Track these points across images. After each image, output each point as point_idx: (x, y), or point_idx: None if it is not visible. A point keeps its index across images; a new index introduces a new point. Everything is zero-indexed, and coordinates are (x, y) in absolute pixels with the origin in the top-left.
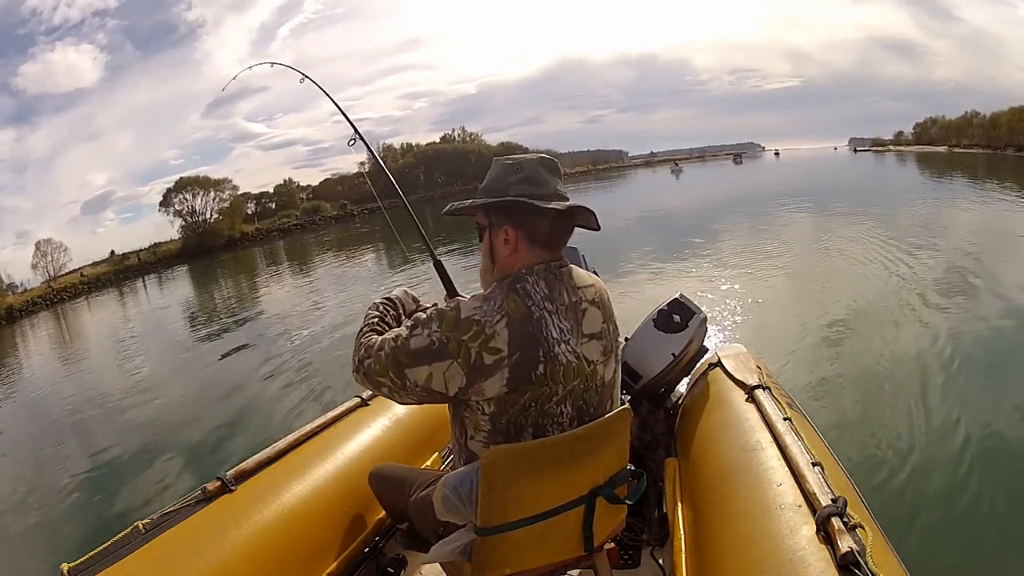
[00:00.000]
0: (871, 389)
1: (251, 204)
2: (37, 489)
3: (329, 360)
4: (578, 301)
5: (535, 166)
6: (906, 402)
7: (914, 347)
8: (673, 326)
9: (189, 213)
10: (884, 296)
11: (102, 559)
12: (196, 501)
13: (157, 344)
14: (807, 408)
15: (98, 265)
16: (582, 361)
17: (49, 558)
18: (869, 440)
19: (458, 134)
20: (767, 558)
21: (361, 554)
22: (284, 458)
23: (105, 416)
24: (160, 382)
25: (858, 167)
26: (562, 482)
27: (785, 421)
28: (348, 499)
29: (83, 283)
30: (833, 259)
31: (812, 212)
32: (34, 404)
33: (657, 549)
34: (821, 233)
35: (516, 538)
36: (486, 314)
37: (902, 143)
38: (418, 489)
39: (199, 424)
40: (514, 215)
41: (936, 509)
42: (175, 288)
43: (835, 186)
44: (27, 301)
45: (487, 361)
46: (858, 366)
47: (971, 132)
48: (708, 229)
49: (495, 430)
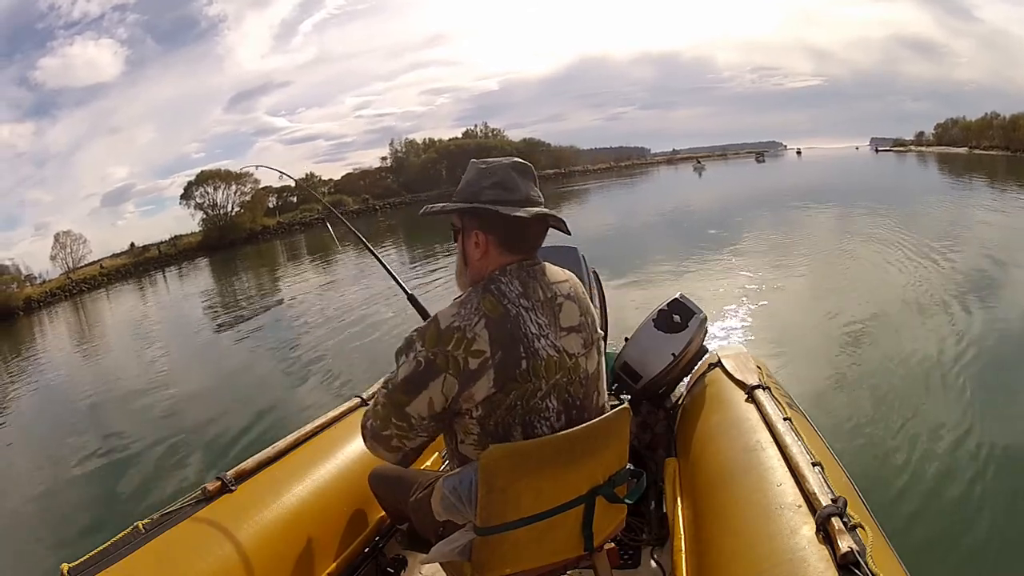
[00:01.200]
0: (871, 389)
1: (272, 198)
2: (39, 487)
3: (345, 357)
4: (553, 296)
5: (507, 171)
6: (906, 402)
7: (915, 348)
8: (673, 326)
9: (210, 206)
10: (886, 298)
11: (102, 559)
12: (196, 501)
13: (172, 337)
14: (807, 408)
15: (118, 257)
16: (563, 354)
17: (49, 558)
18: (869, 440)
19: (480, 130)
20: (767, 558)
21: (361, 554)
22: (284, 458)
23: (112, 411)
24: (171, 376)
25: (880, 167)
26: (562, 482)
27: (785, 421)
28: (348, 499)
29: (103, 274)
30: (841, 260)
31: (831, 213)
32: (43, 395)
33: (657, 549)
34: (836, 234)
35: (516, 538)
36: (464, 318)
37: (923, 144)
38: (418, 489)
39: (205, 421)
40: (485, 220)
41: (936, 509)
42: (195, 280)
43: (857, 186)
44: (45, 292)
45: (472, 366)
46: (858, 366)
47: (991, 134)
48: (727, 229)
49: (484, 432)
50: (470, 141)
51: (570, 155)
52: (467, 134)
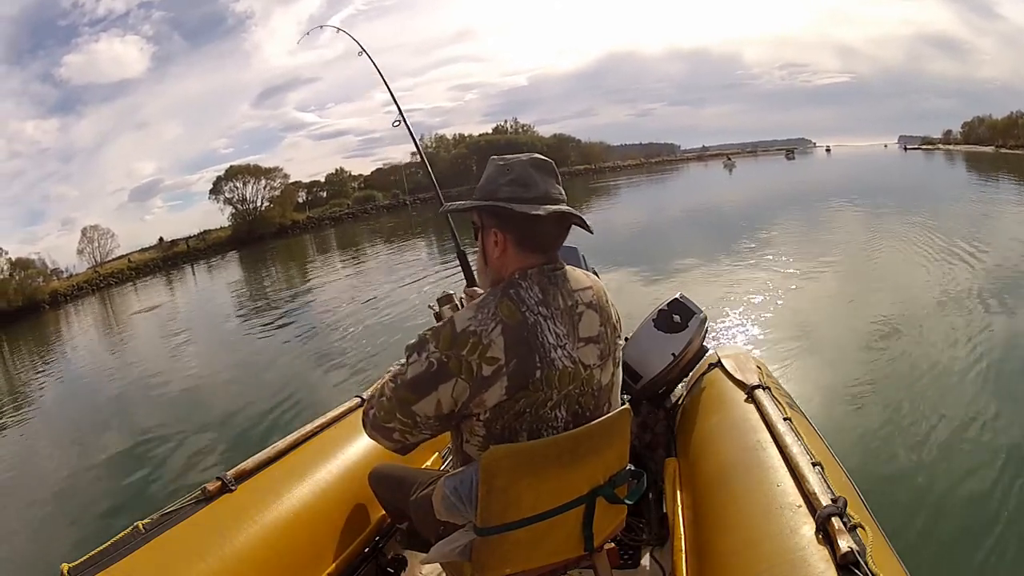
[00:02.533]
0: (872, 389)
1: (302, 193)
2: (40, 485)
3: (364, 354)
4: (574, 304)
5: (524, 167)
6: (906, 402)
7: (916, 348)
8: (673, 326)
9: (239, 201)
10: (889, 299)
11: (102, 559)
12: (196, 501)
13: (192, 331)
14: (807, 408)
15: (146, 251)
16: (578, 366)
17: (49, 557)
18: (869, 440)
19: (510, 125)
20: (767, 558)
21: (361, 554)
22: (284, 458)
23: (121, 407)
24: (186, 371)
25: (910, 166)
26: (562, 482)
27: (785, 421)
28: (348, 499)
29: (130, 268)
30: (861, 260)
31: (865, 212)
32: (56, 389)
33: (657, 549)
34: (861, 234)
35: (516, 538)
36: (481, 323)
37: (951, 142)
38: (418, 488)
39: (216, 418)
40: (502, 218)
41: (936, 509)
42: (222, 274)
43: (891, 185)
44: (72, 286)
45: (486, 373)
46: (859, 366)
47: (1016, 132)
48: (753, 229)
49: (490, 434)
50: (500, 137)
51: (600, 151)
52: (497, 129)
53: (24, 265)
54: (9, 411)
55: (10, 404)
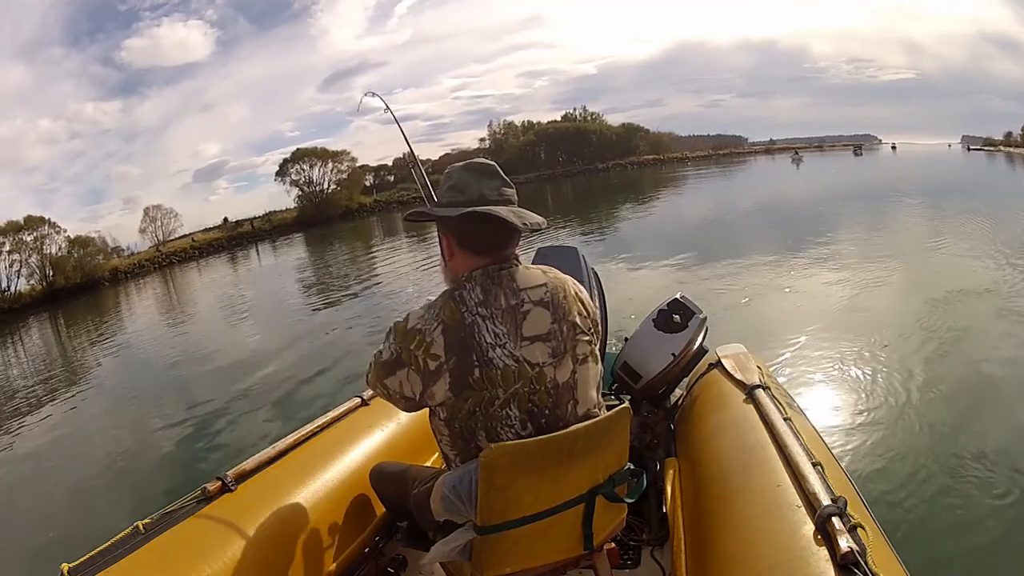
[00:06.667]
0: (871, 389)
1: (369, 176)
2: (40, 485)
3: None
4: (519, 304)
5: (460, 173)
6: (906, 402)
7: (916, 349)
8: (673, 326)
9: (306, 183)
10: (890, 300)
11: (102, 559)
12: (196, 501)
13: (257, 314)
14: (807, 408)
15: (210, 231)
16: (522, 364)
17: (49, 557)
18: (869, 440)
19: (579, 113)
20: (767, 558)
21: (361, 554)
22: (284, 458)
23: (165, 389)
24: (233, 360)
25: (977, 167)
26: (562, 481)
27: (785, 421)
28: (348, 499)
29: (194, 248)
30: (901, 264)
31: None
32: (103, 368)
33: (657, 549)
34: (898, 236)
35: (516, 537)
36: (426, 322)
37: (1012, 144)
38: (419, 484)
39: (231, 417)
40: (443, 223)
41: (936, 509)
42: (287, 254)
43: (969, 185)
44: (133, 264)
45: (431, 367)
46: (859, 367)
47: None
48: (815, 233)
49: (452, 434)
50: (569, 124)
51: (668, 141)
52: (566, 117)
53: (83, 243)
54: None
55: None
